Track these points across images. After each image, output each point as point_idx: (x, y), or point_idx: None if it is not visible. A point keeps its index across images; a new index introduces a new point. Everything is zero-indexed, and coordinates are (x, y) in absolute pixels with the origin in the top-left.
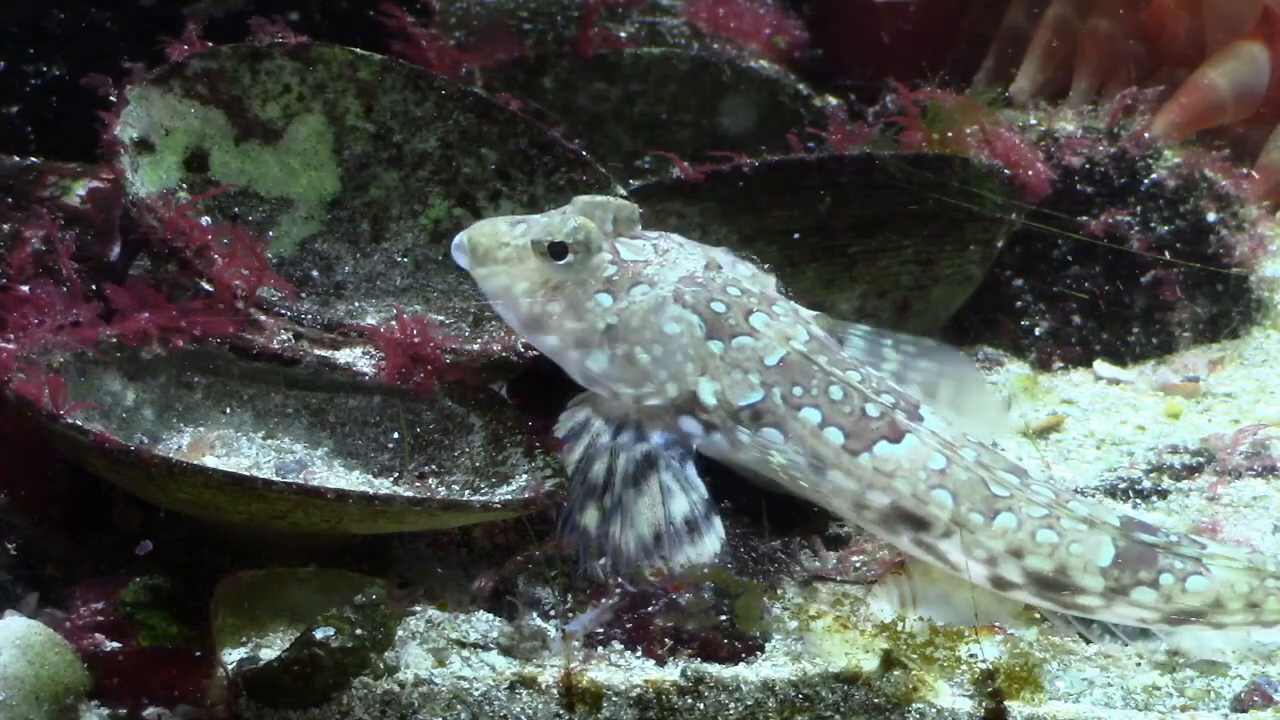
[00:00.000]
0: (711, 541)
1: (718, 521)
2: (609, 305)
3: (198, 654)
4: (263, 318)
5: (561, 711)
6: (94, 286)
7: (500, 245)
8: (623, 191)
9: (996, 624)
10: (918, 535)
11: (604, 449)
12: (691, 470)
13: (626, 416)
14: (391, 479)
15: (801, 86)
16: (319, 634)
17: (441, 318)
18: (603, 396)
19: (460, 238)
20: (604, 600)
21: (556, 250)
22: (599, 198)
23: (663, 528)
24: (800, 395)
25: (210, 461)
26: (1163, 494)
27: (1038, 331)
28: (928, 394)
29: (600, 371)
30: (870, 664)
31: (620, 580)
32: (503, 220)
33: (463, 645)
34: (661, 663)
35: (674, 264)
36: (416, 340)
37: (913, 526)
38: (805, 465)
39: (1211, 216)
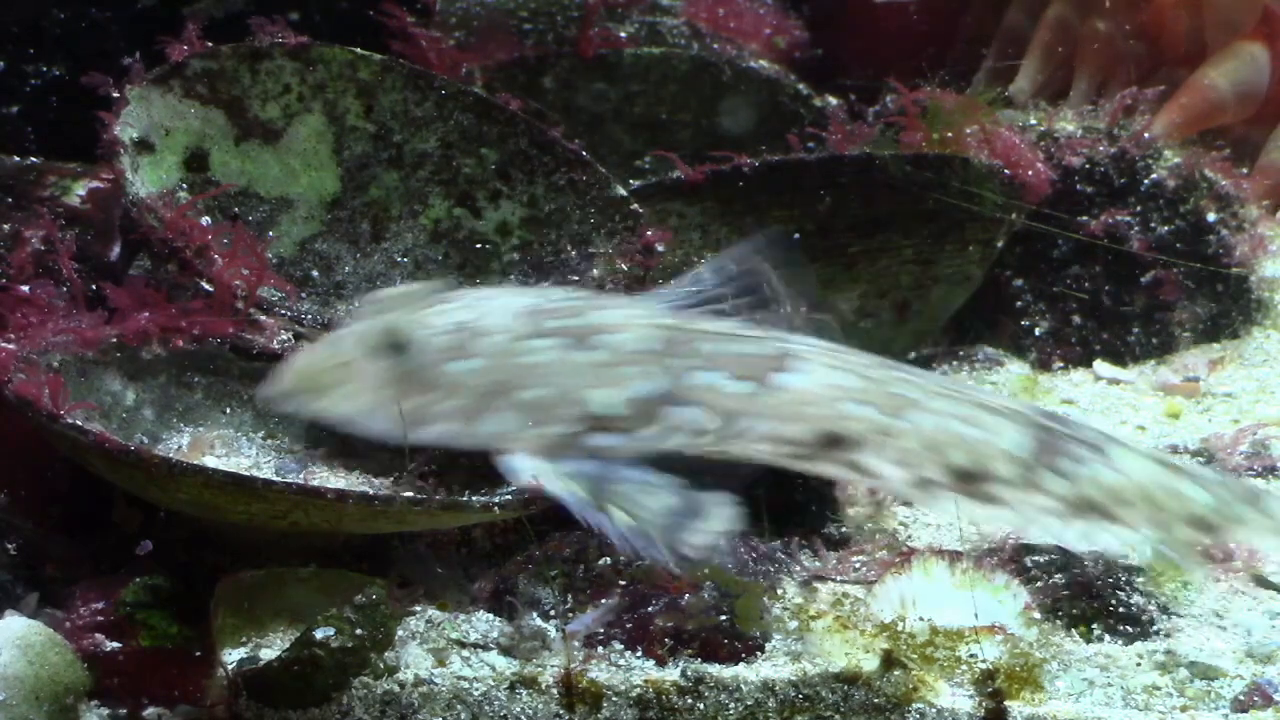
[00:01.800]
0: (721, 512)
1: (708, 494)
2: (474, 367)
3: (198, 654)
4: (263, 318)
5: (561, 711)
6: (94, 286)
7: (326, 370)
8: (624, 190)
9: (996, 624)
10: (839, 455)
11: (554, 483)
12: (637, 471)
13: (539, 452)
14: (391, 479)
15: (801, 86)
16: (319, 634)
17: None
18: (516, 447)
19: (272, 392)
20: (604, 600)
21: (395, 348)
22: (401, 288)
23: (662, 521)
24: (690, 364)
25: (210, 461)
26: None
27: (1038, 331)
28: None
29: (505, 429)
30: (870, 664)
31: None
32: (311, 350)
33: (463, 645)
34: (661, 663)
35: (503, 309)
36: None
37: (834, 447)
38: (724, 426)
39: (1211, 216)
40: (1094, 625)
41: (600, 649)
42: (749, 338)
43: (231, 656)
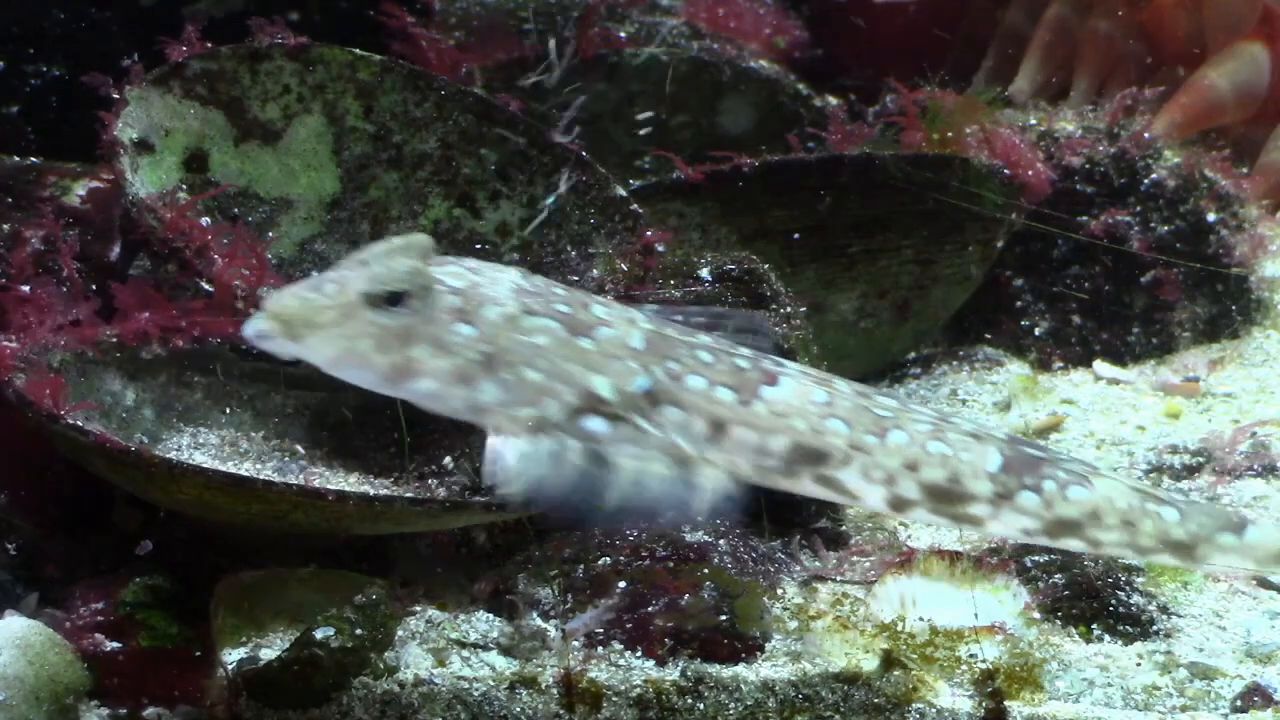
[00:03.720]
0: (715, 475)
1: (704, 468)
2: (473, 334)
3: (198, 654)
4: None
5: (561, 711)
6: (94, 287)
7: (319, 309)
8: (624, 190)
9: (996, 624)
10: (818, 470)
11: (546, 458)
12: (632, 448)
13: (534, 434)
14: (392, 479)
15: (801, 86)
16: (319, 634)
17: None
18: (498, 425)
19: (258, 324)
20: (604, 600)
21: (394, 299)
22: (398, 240)
23: (661, 487)
24: (677, 367)
25: (202, 460)
26: None
27: (1038, 331)
28: None
29: (497, 400)
30: (870, 664)
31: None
32: (299, 287)
33: (463, 645)
34: (661, 663)
35: (497, 280)
36: None
37: (813, 462)
38: (712, 431)
39: (1211, 216)
40: (1094, 625)
41: (600, 649)
42: (726, 349)
43: (231, 656)
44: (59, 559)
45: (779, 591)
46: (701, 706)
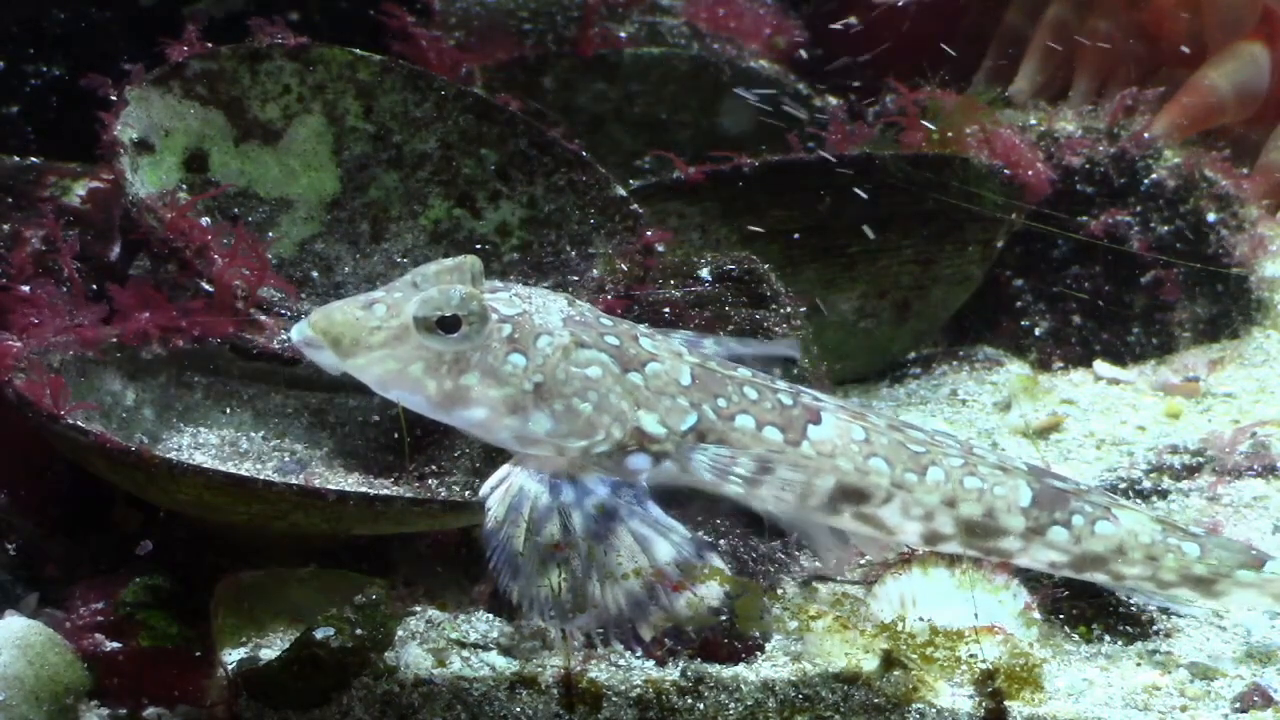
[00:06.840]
0: (713, 583)
1: (714, 558)
2: (526, 364)
3: (198, 654)
4: (263, 317)
5: (561, 711)
6: (94, 286)
7: (370, 330)
8: (624, 190)
9: (996, 624)
10: (859, 509)
11: (548, 511)
12: (656, 510)
13: (557, 471)
14: (392, 479)
15: (801, 86)
16: (319, 634)
17: None
18: (539, 456)
19: (306, 333)
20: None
21: (448, 324)
22: (449, 262)
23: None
24: (726, 406)
25: (202, 460)
26: (1163, 494)
27: (1038, 331)
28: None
29: (546, 431)
30: (870, 664)
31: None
32: (350, 304)
33: (463, 645)
34: (661, 663)
35: (547, 308)
36: None
37: (855, 501)
38: (757, 471)
39: (1211, 216)
40: (1094, 625)
41: (600, 649)
42: (770, 386)
43: (231, 656)
44: (59, 559)
45: (779, 591)
46: (701, 706)
